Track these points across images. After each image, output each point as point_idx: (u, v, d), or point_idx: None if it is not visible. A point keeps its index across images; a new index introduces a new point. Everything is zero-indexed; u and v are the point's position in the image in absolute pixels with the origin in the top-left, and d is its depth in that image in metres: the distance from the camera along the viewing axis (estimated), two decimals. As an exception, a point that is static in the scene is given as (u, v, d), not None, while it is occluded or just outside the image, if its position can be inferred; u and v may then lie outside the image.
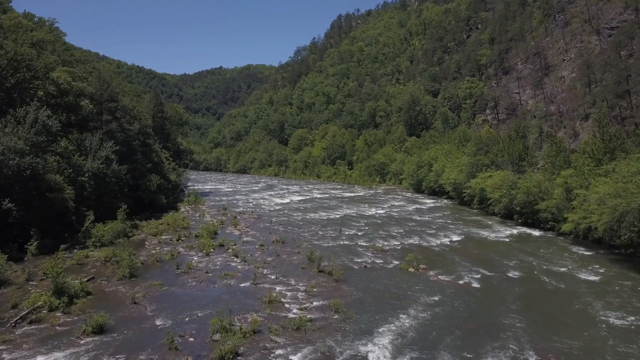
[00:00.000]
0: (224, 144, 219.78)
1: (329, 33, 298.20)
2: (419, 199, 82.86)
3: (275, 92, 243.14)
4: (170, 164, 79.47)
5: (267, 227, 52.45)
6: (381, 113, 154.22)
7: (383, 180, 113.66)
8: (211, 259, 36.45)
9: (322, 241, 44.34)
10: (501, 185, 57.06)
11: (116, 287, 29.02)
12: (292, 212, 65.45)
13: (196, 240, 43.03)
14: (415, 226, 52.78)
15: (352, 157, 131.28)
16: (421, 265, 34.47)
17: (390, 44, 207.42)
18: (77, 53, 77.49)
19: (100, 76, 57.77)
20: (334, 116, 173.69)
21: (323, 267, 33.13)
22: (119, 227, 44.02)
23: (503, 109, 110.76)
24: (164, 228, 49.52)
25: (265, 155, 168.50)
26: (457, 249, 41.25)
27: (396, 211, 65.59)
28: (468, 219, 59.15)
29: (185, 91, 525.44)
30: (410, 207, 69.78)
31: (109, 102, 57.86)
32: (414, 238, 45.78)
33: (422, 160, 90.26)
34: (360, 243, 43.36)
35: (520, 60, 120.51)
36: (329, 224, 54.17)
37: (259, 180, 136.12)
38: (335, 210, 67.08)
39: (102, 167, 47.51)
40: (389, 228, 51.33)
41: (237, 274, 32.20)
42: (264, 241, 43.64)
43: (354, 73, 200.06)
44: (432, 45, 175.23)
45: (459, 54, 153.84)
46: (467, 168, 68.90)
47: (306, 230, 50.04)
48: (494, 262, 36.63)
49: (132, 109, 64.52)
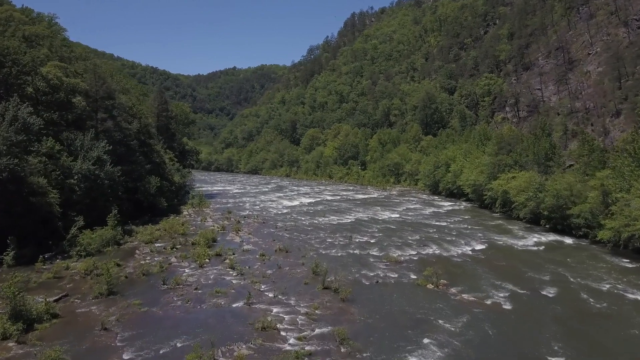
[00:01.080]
0: (235, 144, 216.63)
1: (342, 31, 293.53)
2: (435, 201, 78.24)
3: (288, 92, 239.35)
4: (174, 165, 76.13)
5: (272, 233, 48.48)
6: (395, 112, 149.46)
7: (397, 181, 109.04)
8: (204, 272, 32.56)
9: (330, 250, 40.21)
10: (527, 187, 52.36)
11: (90, 307, 25.25)
12: (300, 215, 61.43)
13: (192, 249, 39.25)
14: (432, 232, 48.36)
15: (365, 157, 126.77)
16: (441, 280, 30.15)
17: (405, 41, 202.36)
18: (78, 49, 74.40)
19: (95, 72, 54.33)
20: (346, 115, 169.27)
21: (329, 282, 29.01)
22: (109, 234, 40.41)
23: (524, 106, 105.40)
24: (160, 234, 45.85)
25: (277, 155, 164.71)
26: (480, 260, 36.80)
27: (411, 215, 61.20)
28: (490, 224, 54.52)
29: (198, 91, 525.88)
30: (426, 211, 65.29)
31: (105, 99, 54.39)
32: (431, 246, 41.40)
33: (439, 160, 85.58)
34: (372, 252, 39.14)
35: (542, 55, 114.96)
36: (338, 230, 50.02)
37: (269, 181, 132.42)
38: (346, 213, 62.90)
39: (94, 169, 43.93)
40: (404, 234, 47.01)
41: (231, 290, 28.23)
42: (265, 250, 39.69)
43: (367, 71, 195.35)
44: (448, 42, 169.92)
45: (476, 50, 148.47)
46: (488, 168, 64.19)
47: (313, 237, 45.95)
48: (524, 276, 32.14)
49: (132, 107, 61.06)
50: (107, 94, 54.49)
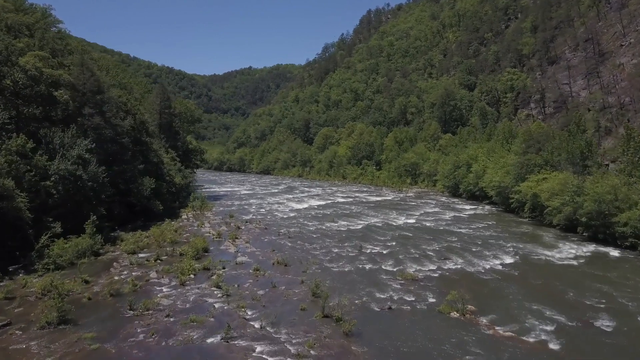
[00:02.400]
0: (248, 144, 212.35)
1: (357, 29, 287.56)
2: (456, 204, 72.27)
3: (302, 90, 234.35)
4: (175, 165, 71.56)
5: (273, 241, 43.32)
6: (412, 109, 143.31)
7: (414, 182, 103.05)
8: (184, 291, 27.51)
9: (336, 263, 34.86)
10: (561, 190, 46.35)
11: (30, 341, 20.34)
12: (307, 220, 56.19)
13: (178, 261, 34.27)
14: (454, 242, 42.67)
15: (380, 157, 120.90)
16: (468, 306, 24.62)
17: (422, 37, 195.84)
18: (73, 43, 70.15)
19: (83, 64, 49.79)
20: (361, 113, 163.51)
21: (331, 308, 23.69)
22: (85, 244, 35.68)
23: (550, 102, 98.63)
24: (147, 243, 41.07)
25: (289, 155, 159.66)
26: (513, 278, 31.09)
27: (430, 220, 55.50)
28: (519, 231, 48.58)
29: (214, 91, 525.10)
30: (446, 215, 59.48)
31: (94, 93, 49.85)
32: (454, 259, 35.78)
33: (459, 160, 79.55)
34: (385, 267, 33.67)
35: (569, 49, 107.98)
36: (348, 238, 44.64)
37: (280, 182, 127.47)
38: (357, 218, 57.47)
39: (73, 169, 39.26)
40: (422, 244, 41.43)
41: (209, 318, 23.10)
42: (262, 262, 34.53)
43: (383, 68, 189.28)
44: (467, 37, 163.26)
45: (498, 44, 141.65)
46: (515, 169, 58.17)
47: (319, 247, 40.65)
48: (569, 301, 26.42)
49: (125, 103, 56.47)
50: (95, 87, 49.93)
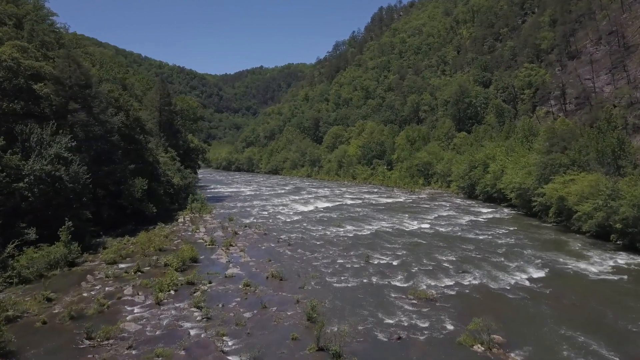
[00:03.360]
0: (257, 143, 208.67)
1: (369, 26, 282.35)
2: (472, 206, 67.58)
3: (312, 88, 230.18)
4: (174, 164, 67.90)
5: (271, 249, 39.22)
6: (425, 107, 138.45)
7: (427, 183, 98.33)
8: (158, 313, 23.52)
9: (339, 277, 30.65)
10: (591, 193, 41.66)
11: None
12: (312, 224, 52.03)
13: (162, 272, 30.35)
14: (473, 251, 38.21)
15: (391, 156, 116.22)
16: (495, 336, 20.28)
17: (435, 33, 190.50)
18: (67, 36, 66.69)
19: (69, 56, 46.16)
20: (372, 112, 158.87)
21: (327, 338, 19.51)
22: (59, 253, 31.93)
23: (572, 98, 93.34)
24: (131, 251, 37.25)
25: (298, 154, 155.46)
26: (544, 297, 26.61)
27: (445, 225, 51.01)
28: (544, 238, 43.90)
29: (225, 91, 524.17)
30: (462, 219, 54.90)
31: (82, 88, 46.22)
32: (474, 273, 31.35)
33: (475, 160, 74.77)
34: (395, 282, 29.37)
35: (591, 42, 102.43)
36: (354, 245, 40.39)
37: (288, 182, 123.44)
38: (366, 222, 53.17)
39: (49, 169, 35.55)
40: (437, 253, 37.05)
41: (179, 352, 19.03)
42: (254, 276, 30.47)
43: (395, 65, 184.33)
44: (481, 33, 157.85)
45: (514, 40, 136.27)
46: (538, 169, 53.44)
47: (321, 256, 36.46)
48: (612, 326, 21.95)
49: (117, 98, 52.79)
50: (83, 81, 46.27)
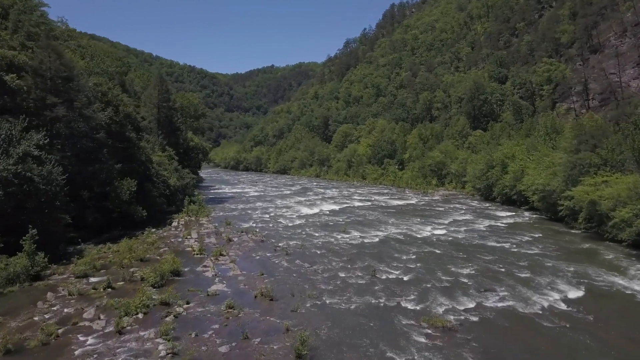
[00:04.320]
0: (266, 143, 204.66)
1: (380, 23, 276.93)
2: (489, 210, 62.68)
3: (322, 86, 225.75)
4: (171, 164, 64.01)
5: (266, 259, 34.91)
6: (438, 104, 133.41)
7: (441, 183, 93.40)
8: (114, 346, 19.27)
9: (340, 296, 26.21)
10: (630, 197, 36.77)
11: None
12: (315, 230, 47.67)
13: (136, 288, 26.22)
14: (494, 262, 33.52)
15: (403, 156, 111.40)
16: (534, 386, 15.76)
17: (448, 29, 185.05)
18: (58, 29, 63.05)
19: (49, 45, 42.26)
20: (383, 110, 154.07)
21: (317, 388, 15.15)
22: (20, 265, 27.92)
23: (595, 94, 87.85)
24: (109, 261, 33.18)
25: (307, 154, 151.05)
26: (586, 325, 21.92)
27: (462, 231, 46.29)
28: (575, 247, 39.04)
29: (236, 90, 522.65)
30: (480, 225, 50.10)
31: (65, 80, 42.36)
32: (498, 292, 26.70)
33: (492, 159, 69.79)
34: (405, 304, 24.85)
35: (615, 35, 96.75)
36: (360, 256, 35.93)
37: (295, 182, 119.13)
38: (374, 227, 48.65)
39: (14, 169, 31.56)
40: (454, 266, 32.43)
41: (125, 406, 14.83)
42: (241, 294, 26.17)
43: (407, 62, 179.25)
44: (497, 28, 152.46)
45: (531, 34, 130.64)
46: (565, 170, 48.47)
47: (321, 269, 32.05)
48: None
49: (105, 93, 48.85)
50: (64, 73, 42.38)
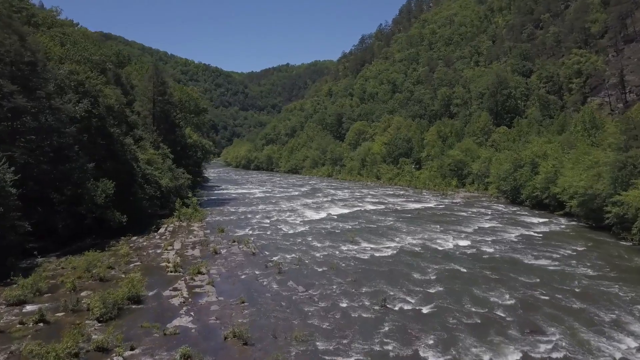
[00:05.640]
0: (278, 141, 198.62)
1: (397, 19, 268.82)
2: (518, 215, 55.54)
3: (335, 83, 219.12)
4: (165, 163, 58.25)
5: (253, 280, 28.59)
6: (457, 101, 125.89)
7: (461, 184, 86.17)
8: None
9: (337, 341, 19.68)
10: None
11: None
12: (318, 239, 41.26)
13: (74, 322, 20.15)
14: (535, 287, 26.69)
15: (420, 154, 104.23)
16: None
17: (468, 23, 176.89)
18: (42, 14, 57.71)
19: (10, 25, 36.62)
20: (399, 106, 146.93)
21: None
22: None
23: (632, 87, 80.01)
24: (61, 281, 27.18)
25: (319, 152, 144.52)
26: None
27: (489, 242, 39.45)
28: (631, 265, 31.95)
29: (250, 88, 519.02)
30: (510, 234, 43.14)
31: (26, 66, 36.69)
32: (548, 334, 19.96)
33: (520, 158, 62.58)
34: (424, 352, 18.26)
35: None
36: (368, 275, 29.40)
37: (306, 183, 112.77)
38: (387, 237, 42.06)
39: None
40: (486, 292, 25.73)
41: None
42: (207, 334, 19.89)
43: (424, 57, 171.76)
44: (520, 20, 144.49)
45: (558, 25, 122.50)
46: (612, 170, 41.33)
47: (318, 294, 25.61)
48: None
49: (82, 82, 43.04)
50: (30, 58, 36.71)
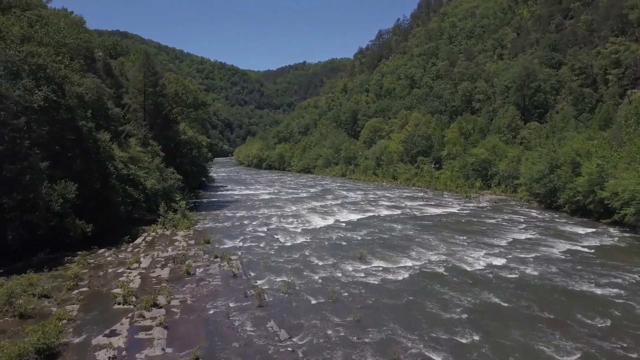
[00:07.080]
0: (292, 139, 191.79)
1: (415, 13, 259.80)
2: (558, 223, 47.58)
3: (351, 79, 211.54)
4: (152, 162, 51.76)
5: (222, 317, 21.59)
6: (480, 96, 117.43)
7: (486, 186, 78.07)
8: None
9: None
10: None
11: None
12: (319, 254, 34.14)
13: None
14: (603, 333, 19.20)
15: (441, 153, 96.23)
16: None
17: (490, 15, 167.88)
18: None
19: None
20: (418, 102, 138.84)
21: None
22: None
23: (681, 77, 71.47)
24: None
25: (332, 151, 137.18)
26: None
27: (530, 260, 31.83)
28: None
29: (266, 87, 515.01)
30: (554, 249, 35.39)
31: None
32: None
33: (557, 157, 54.60)
34: None
35: (702, 6, 79.65)
36: (376, 314, 22.17)
37: (317, 183, 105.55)
38: (403, 252, 34.74)
39: None
40: (536, 341, 18.33)
41: None
42: None
43: (444, 51, 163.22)
44: (547, 10, 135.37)
45: (590, 14, 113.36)
46: (683, 171, 33.46)
47: (306, 345, 18.52)
48: None
49: (43, 66, 36.63)
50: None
